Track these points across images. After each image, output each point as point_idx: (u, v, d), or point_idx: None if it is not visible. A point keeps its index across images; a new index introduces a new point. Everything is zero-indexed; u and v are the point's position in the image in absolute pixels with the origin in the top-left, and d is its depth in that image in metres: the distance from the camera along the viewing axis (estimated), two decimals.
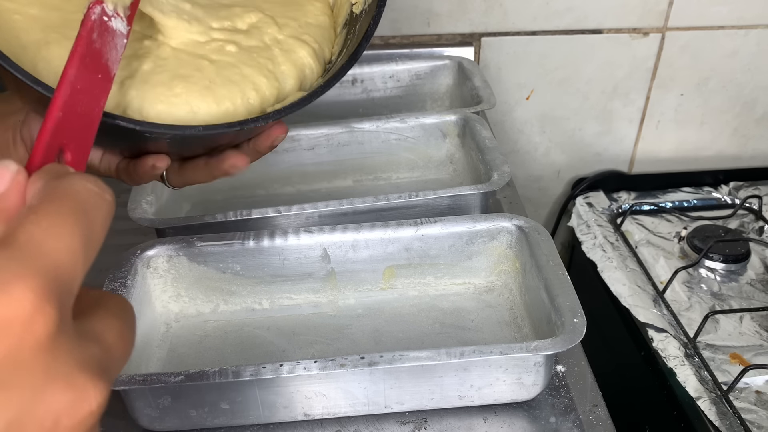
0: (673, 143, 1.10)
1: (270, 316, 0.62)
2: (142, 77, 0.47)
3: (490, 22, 0.96)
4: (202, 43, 0.50)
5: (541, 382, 0.51)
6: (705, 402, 0.68)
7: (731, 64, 1.02)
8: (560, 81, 1.02)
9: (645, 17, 0.97)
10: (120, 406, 0.53)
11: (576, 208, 1.02)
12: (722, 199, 1.03)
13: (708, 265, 0.87)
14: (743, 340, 0.76)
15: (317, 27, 0.56)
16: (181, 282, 0.61)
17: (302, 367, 0.47)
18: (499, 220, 0.61)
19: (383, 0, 0.52)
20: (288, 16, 0.54)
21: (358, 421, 0.52)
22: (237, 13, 0.52)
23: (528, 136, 1.08)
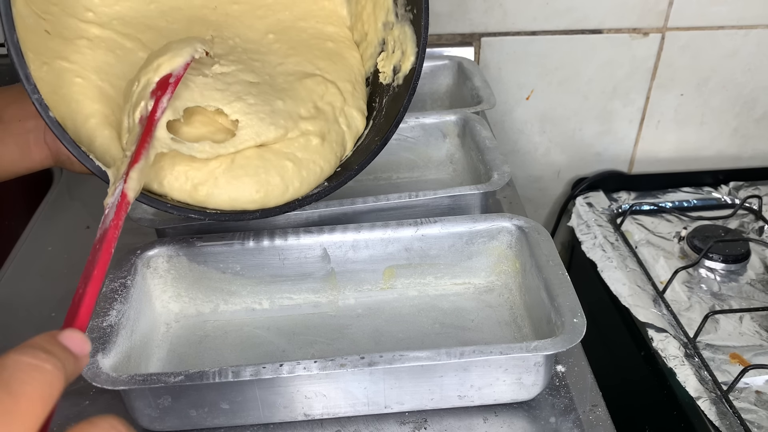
0: (673, 143, 1.10)
1: (270, 316, 0.62)
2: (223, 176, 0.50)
3: (490, 22, 0.96)
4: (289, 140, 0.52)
5: (541, 382, 0.51)
6: (705, 402, 0.68)
7: (731, 64, 1.02)
8: (560, 81, 1.02)
9: (645, 17, 0.97)
10: (120, 406, 0.53)
11: (576, 208, 1.02)
12: (722, 199, 1.03)
13: (708, 265, 0.87)
14: (743, 340, 0.76)
15: (362, 84, 0.57)
16: (181, 282, 0.61)
17: (302, 367, 0.47)
18: (499, 220, 0.61)
19: (414, 89, 0.54)
20: (343, 77, 0.55)
21: (358, 421, 0.52)
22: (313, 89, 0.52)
23: (528, 136, 1.08)
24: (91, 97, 0.48)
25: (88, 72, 0.49)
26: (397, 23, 0.54)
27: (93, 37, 0.50)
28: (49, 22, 0.49)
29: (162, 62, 0.45)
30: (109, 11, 0.52)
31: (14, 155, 0.52)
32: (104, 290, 0.55)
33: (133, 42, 0.51)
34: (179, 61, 0.45)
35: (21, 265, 0.71)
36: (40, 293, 0.67)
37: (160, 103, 0.45)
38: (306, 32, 0.56)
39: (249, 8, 0.56)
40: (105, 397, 0.55)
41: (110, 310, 0.53)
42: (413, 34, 0.54)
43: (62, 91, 0.48)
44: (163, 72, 0.45)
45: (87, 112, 0.48)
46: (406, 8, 0.54)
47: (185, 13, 0.54)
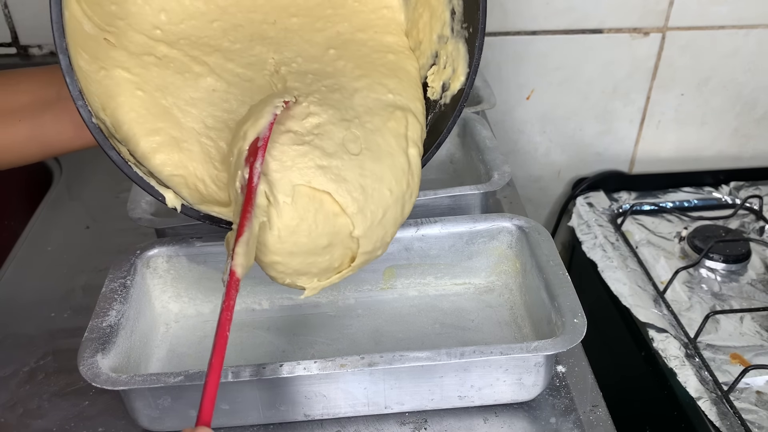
0: (673, 143, 1.10)
1: (270, 316, 0.62)
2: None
3: (490, 22, 0.95)
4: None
5: (541, 383, 0.51)
6: (705, 402, 0.68)
7: (732, 64, 1.02)
8: (560, 81, 1.02)
9: (645, 17, 0.97)
10: (120, 406, 0.53)
11: (576, 208, 1.02)
12: (723, 199, 1.03)
13: (708, 265, 0.87)
14: (744, 340, 0.76)
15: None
16: (180, 282, 0.61)
17: (302, 367, 0.47)
18: (499, 220, 0.61)
19: (460, 111, 0.53)
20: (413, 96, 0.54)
21: (358, 421, 0.52)
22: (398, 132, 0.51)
23: (528, 136, 1.08)
24: (154, 114, 0.49)
25: (151, 88, 0.49)
26: (451, 38, 0.53)
27: (162, 55, 0.51)
28: (114, 35, 0.49)
29: (247, 129, 0.45)
30: (175, 29, 0.52)
31: (69, 133, 0.53)
32: (104, 290, 0.55)
33: (201, 66, 0.51)
34: (263, 123, 0.45)
35: (21, 265, 0.71)
36: (40, 293, 0.67)
37: (255, 169, 0.44)
38: (366, 45, 0.55)
39: (308, 21, 0.55)
40: (105, 397, 0.55)
41: (110, 310, 0.53)
42: (466, 53, 0.52)
43: (120, 99, 0.48)
44: (251, 138, 0.45)
45: (150, 127, 0.48)
46: (462, 25, 0.52)
47: (246, 31, 0.54)
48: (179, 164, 0.49)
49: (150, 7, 0.51)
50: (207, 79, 0.51)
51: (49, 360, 0.59)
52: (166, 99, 0.49)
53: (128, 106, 0.48)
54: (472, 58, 0.52)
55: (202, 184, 0.50)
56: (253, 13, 0.54)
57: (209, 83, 0.51)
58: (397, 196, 0.50)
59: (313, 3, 0.56)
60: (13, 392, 0.56)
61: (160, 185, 0.49)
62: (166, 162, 0.49)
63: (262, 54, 0.53)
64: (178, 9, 0.52)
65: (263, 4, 0.55)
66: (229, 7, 0.54)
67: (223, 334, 0.39)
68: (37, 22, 0.94)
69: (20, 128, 0.51)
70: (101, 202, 0.80)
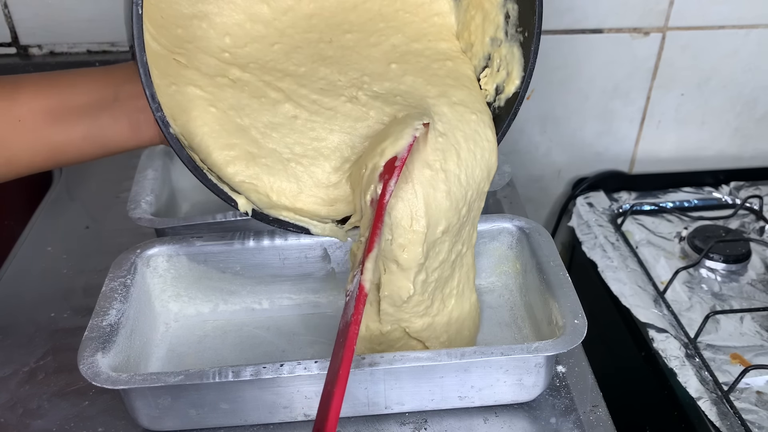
0: (673, 143, 1.10)
1: (270, 316, 0.62)
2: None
3: None
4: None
5: (541, 383, 0.51)
6: (706, 402, 0.68)
7: (732, 63, 1.02)
8: (561, 81, 1.02)
9: (645, 17, 0.97)
10: (120, 406, 0.53)
11: (576, 208, 1.02)
12: (723, 199, 1.03)
13: (709, 266, 0.87)
14: (744, 340, 0.76)
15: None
16: (180, 282, 0.61)
17: (302, 367, 0.47)
18: (499, 221, 0.61)
19: (515, 114, 0.54)
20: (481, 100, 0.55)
21: (358, 421, 0.52)
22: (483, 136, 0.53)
23: (528, 136, 1.08)
24: (228, 130, 0.50)
25: (225, 107, 0.50)
26: (505, 42, 0.53)
27: (235, 78, 0.52)
28: (184, 56, 0.51)
29: (386, 146, 0.47)
30: (242, 52, 0.53)
31: (126, 133, 0.53)
32: (104, 289, 0.55)
33: (276, 92, 0.52)
34: (402, 144, 0.47)
35: (21, 265, 0.71)
36: (40, 293, 0.67)
37: (389, 186, 0.46)
38: (424, 55, 0.56)
39: (362, 36, 0.56)
40: (104, 397, 0.55)
41: (110, 310, 0.53)
42: (521, 57, 0.53)
43: (194, 113, 0.49)
44: (389, 156, 0.47)
45: (224, 142, 0.50)
46: (517, 29, 0.53)
47: (306, 52, 0.55)
48: (254, 176, 0.50)
49: (215, 31, 0.53)
50: (285, 106, 0.52)
51: (49, 360, 0.59)
52: (242, 119, 0.51)
53: (201, 120, 0.49)
54: (527, 62, 0.52)
55: (274, 194, 0.51)
56: (309, 33, 0.55)
57: (288, 109, 0.52)
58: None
59: (366, 18, 0.57)
60: (13, 392, 0.56)
61: (232, 191, 0.50)
62: (239, 173, 0.50)
63: (329, 76, 0.54)
64: (240, 33, 0.54)
65: (317, 23, 0.56)
66: (287, 29, 0.55)
67: (351, 348, 0.40)
68: (37, 22, 0.94)
69: (78, 128, 0.52)
70: (101, 202, 0.80)
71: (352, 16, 0.56)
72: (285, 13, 0.55)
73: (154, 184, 0.68)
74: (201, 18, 0.52)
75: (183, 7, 0.52)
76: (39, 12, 0.93)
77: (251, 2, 0.54)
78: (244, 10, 0.54)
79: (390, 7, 0.57)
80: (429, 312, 0.53)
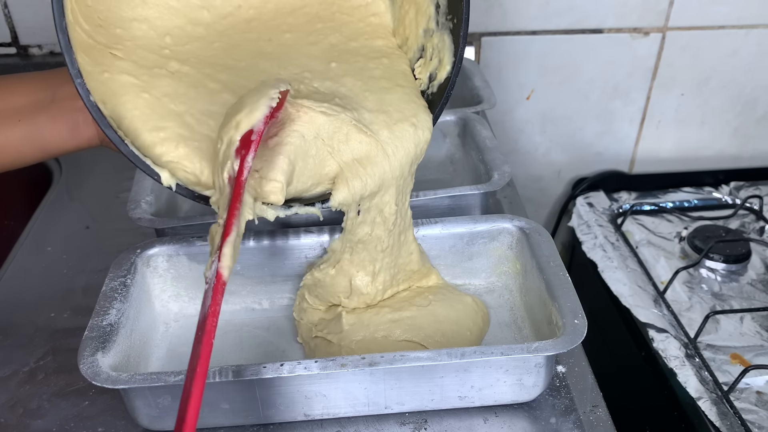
0: (673, 143, 1.10)
1: (270, 316, 0.62)
2: None
3: (490, 22, 0.96)
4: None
5: (541, 383, 0.51)
6: (706, 402, 0.68)
7: (732, 63, 1.02)
8: (560, 81, 1.02)
9: (645, 17, 0.97)
10: (120, 406, 0.53)
11: (576, 208, 1.02)
12: (723, 199, 1.03)
13: (708, 266, 0.87)
14: (744, 340, 0.76)
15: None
16: (180, 281, 0.61)
17: (302, 367, 0.47)
18: (499, 221, 0.61)
19: (447, 98, 0.55)
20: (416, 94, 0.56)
21: (358, 421, 0.52)
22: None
23: (528, 136, 1.08)
24: (160, 114, 0.50)
25: (159, 94, 0.51)
26: (437, 31, 0.55)
27: (174, 70, 0.52)
28: (120, 51, 0.51)
29: (240, 119, 0.45)
30: (182, 49, 0.54)
31: (64, 134, 0.54)
32: (104, 289, 0.55)
33: (216, 83, 0.53)
34: (257, 116, 0.45)
35: (21, 265, 0.71)
36: (40, 293, 0.67)
37: (246, 162, 0.43)
38: (361, 54, 0.57)
39: (301, 35, 0.57)
40: (104, 396, 0.55)
41: (110, 309, 0.53)
42: (451, 43, 0.54)
43: (124, 98, 0.49)
44: (244, 129, 0.44)
45: (154, 125, 0.49)
46: (447, 17, 0.54)
47: (246, 49, 0.55)
48: (183, 156, 0.50)
49: (155, 32, 0.53)
50: (224, 95, 0.52)
51: (49, 360, 0.59)
52: (177, 106, 0.51)
53: (132, 104, 0.49)
54: (458, 48, 0.54)
55: (204, 175, 0.50)
56: (248, 33, 0.56)
57: (226, 99, 0.52)
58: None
59: (304, 20, 0.58)
60: (13, 392, 0.56)
61: (156, 165, 0.50)
62: (167, 153, 0.49)
63: (270, 69, 0.54)
64: (181, 34, 0.54)
65: (257, 26, 0.57)
66: (227, 30, 0.56)
67: (209, 342, 0.37)
68: (37, 22, 0.94)
69: (16, 130, 0.52)
70: (101, 202, 0.80)
71: (291, 19, 0.58)
72: (225, 18, 0.56)
73: (154, 184, 0.68)
74: (141, 21, 0.53)
75: (122, 11, 0.52)
76: (39, 12, 0.93)
77: (191, 8, 0.55)
78: (184, 15, 0.55)
79: (327, 10, 0.58)
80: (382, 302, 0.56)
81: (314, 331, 0.57)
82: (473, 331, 0.56)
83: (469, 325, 0.56)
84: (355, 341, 0.55)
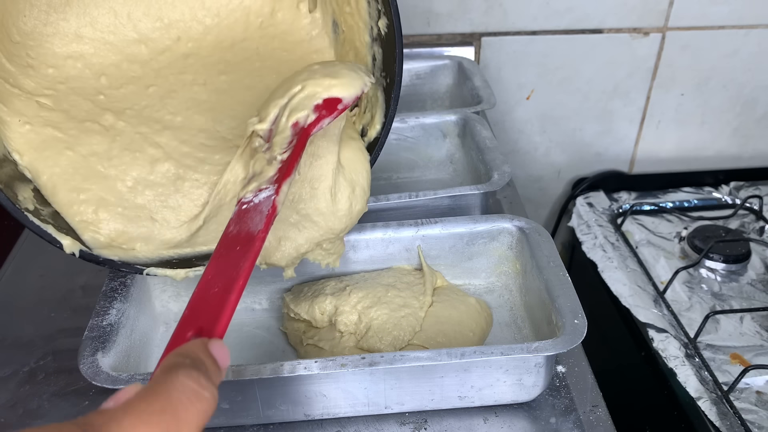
0: (673, 143, 1.10)
1: (270, 316, 0.62)
2: None
3: (490, 22, 0.96)
4: None
5: (541, 383, 0.51)
6: (705, 402, 0.68)
7: (732, 63, 1.02)
8: (560, 81, 1.02)
9: (645, 17, 0.97)
10: None
11: (576, 208, 1.02)
12: (723, 199, 1.03)
13: (708, 265, 0.87)
14: (744, 340, 0.76)
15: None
16: (180, 281, 0.61)
17: (303, 367, 0.47)
18: (499, 221, 0.61)
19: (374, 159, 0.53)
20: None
21: (358, 421, 0.52)
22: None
23: (528, 136, 1.08)
24: (83, 174, 0.48)
25: (85, 152, 0.49)
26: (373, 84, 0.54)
27: (108, 126, 0.51)
28: (50, 98, 0.49)
29: (335, 84, 0.45)
30: (117, 94, 0.52)
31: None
32: (104, 289, 0.55)
33: (155, 148, 0.51)
34: (352, 93, 0.45)
35: (21, 265, 0.71)
36: (40, 293, 0.67)
37: (322, 122, 0.44)
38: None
39: (237, 77, 0.56)
40: (104, 397, 0.54)
41: (110, 309, 0.53)
42: (383, 102, 0.53)
43: (45, 153, 0.48)
44: (335, 94, 0.45)
45: (74, 185, 0.48)
46: (381, 73, 0.53)
47: (181, 97, 0.54)
48: (101, 220, 0.49)
49: (90, 71, 0.52)
50: (165, 164, 0.51)
51: (49, 360, 0.59)
52: (107, 169, 0.49)
53: (52, 161, 0.48)
54: (389, 108, 0.52)
55: (121, 238, 0.50)
56: (184, 75, 0.55)
57: (167, 168, 0.51)
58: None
59: (242, 57, 0.57)
60: (13, 392, 0.56)
61: (58, 232, 0.48)
62: (84, 213, 0.49)
63: (205, 125, 0.54)
64: (117, 73, 0.53)
65: (194, 63, 0.56)
66: (163, 69, 0.55)
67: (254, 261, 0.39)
68: None
69: None
70: None
71: (229, 55, 0.56)
72: (162, 53, 0.55)
73: None
74: (76, 58, 0.52)
75: (55, 47, 0.51)
76: None
77: (128, 42, 0.54)
78: (121, 50, 0.53)
79: (267, 46, 0.57)
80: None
81: (304, 339, 0.57)
82: (476, 332, 0.56)
83: (472, 326, 0.56)
84: (348, 348, 0.55)
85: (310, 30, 0.57)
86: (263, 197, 0.42)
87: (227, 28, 0.56)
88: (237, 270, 0.38)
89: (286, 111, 0.45)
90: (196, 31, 0.56)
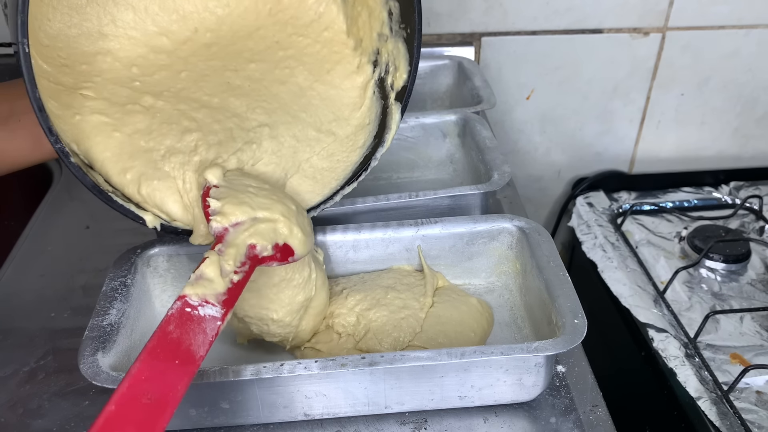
0: (673, 143, 1.10)
1: None
2: None
3: (491, 22, 0.96)
4: None
5: (541, 383, 0.51)
6: (705, 402, 0.68)
7: (732, 63, 1.02)
8: (560, 81, 1.02)
9: (645, 17, 0.97)
10: None
11: (576, 208, 1.02)
12: (723, 199, 1.03)
13: (708, 265, 0.87)
14: (744, 340, 0.76)
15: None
16: (181, 281, 0.61)
17: (303, 367, 0.47)
18: (499, 221, 0.61)
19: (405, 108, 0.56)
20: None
21: (358, 421, 0.52)
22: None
23: (528, 136, 1.08)
24: (129, 152, 0.50)
25: (129, 131, 0.51)
26: (391, 37, 0.55)
27: (148, 105, 0.52)
28: (91, 89, 0.51)
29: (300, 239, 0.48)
30: (151, 80, 0.54)
31: (26, 147, 0.54)
32: (104, 289, 0.55)
33: (189, 121, 0.53)
34: (303, 254, 0.49)
35: (21, 265, 0.71)
36: (40, 293, 0.67)
37: (271, 262, 0.48)
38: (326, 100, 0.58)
39: (267, 66, 0.57)
40: (105, 397, 0.55)
41: (110, 309, 0.53)
42: (406, 52, 0.55)
43: (96, 139, 0.50)
44: (296, 247, 0.48)
45: (122, 166, 0.50)
46: (400, 25, 0.54)
47: (214, 81, 0.55)
48: (148, 195, 0.51)
49: (120, 63, 0.54)
50: (193, 135, 0.52)
51: (49, 360, 0.59)
52: (147, 142, 0.51)
53: (103, 145, 0.50)
54: (412, 57, 0.54)
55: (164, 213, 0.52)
56: (213, 61, 0.57)
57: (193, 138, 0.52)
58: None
59: (263, 46, 0.58)
60: (13, 392, 0.56)
61: (139, 209, 0.51)
62: (133, 195, 0.51)
63: (239, 110, 0.55)
64: (146, 63, 0.55)
65: (217, 52, 0.57)
66: (190, 57, 0.56)
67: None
68: None
69: None
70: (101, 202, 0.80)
71: (251, 44, 0.58)
72: (184, 43, 0.56)
73: None
74: (105, 54, 0.53)
75: (83, 46, 0.52)
76: None
77: (150, 36, 0.55)
78: (145, 43, 0.55)
79: (283, 33, 0.58)
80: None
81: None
82: (477, 332, 0.56)
83: (473, 326, 0.56)
84: (346, 349, 0.55)
85: (317, 7, 0.58)
86: (209, 315, 0.42)
87: (239, 17, 0.58)
88: (173, 390, 0.37)
89: (250, 228, 0.47)
90: (211, 21, 0.57)
